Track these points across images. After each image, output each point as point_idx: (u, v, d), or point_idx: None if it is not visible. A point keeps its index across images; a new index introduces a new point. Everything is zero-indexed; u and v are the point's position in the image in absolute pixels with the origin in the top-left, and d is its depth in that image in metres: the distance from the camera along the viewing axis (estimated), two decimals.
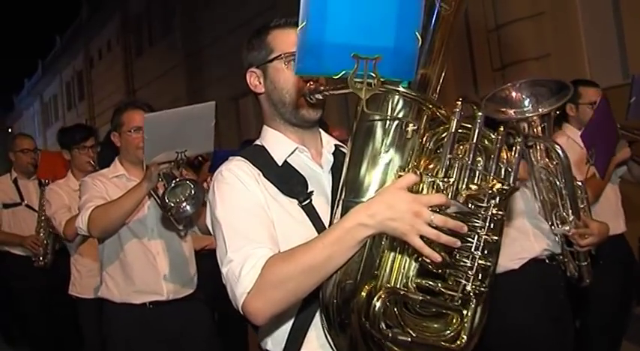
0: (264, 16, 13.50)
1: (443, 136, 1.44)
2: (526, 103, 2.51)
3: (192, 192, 2.61)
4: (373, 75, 1.23)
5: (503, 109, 2.47)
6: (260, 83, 1.64)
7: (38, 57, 33.40)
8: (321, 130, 1.73)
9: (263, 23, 1.64)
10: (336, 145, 1.71)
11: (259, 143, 1.67)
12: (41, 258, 4.50)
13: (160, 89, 17.77)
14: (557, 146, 2.43)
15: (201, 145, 2.68)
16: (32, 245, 4.53)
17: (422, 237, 1.27)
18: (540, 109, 2.48)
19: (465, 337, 1.43)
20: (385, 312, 1.36)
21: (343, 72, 1.23)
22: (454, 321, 1.44)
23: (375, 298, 1.36)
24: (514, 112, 2.49)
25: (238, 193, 1.52)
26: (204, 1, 16.03)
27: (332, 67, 1.23)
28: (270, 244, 1.45)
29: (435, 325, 1.44)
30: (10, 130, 40.44)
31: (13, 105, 39.56)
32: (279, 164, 1.60)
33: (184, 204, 2.61)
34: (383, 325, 1.36)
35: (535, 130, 2.50)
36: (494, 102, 2.48)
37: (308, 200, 1.56)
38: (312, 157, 1.66)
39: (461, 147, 1.41)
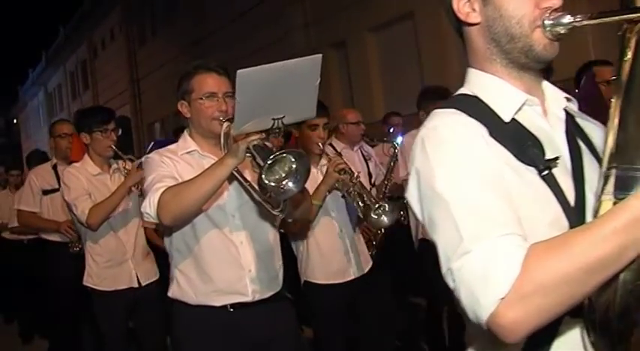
0: (269, 3, 13.43)
1: None
2: None
3: (294, 166, 2.09)
4: None
5: None
6: (475, 10, 1.22)
7: (42, 48, 33.42)
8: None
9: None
10: (567, 98, 1.29)
11: (468, 92, 1.25)
12: (76, 243, 4.30)
13: (164, 77, 17.68)
14: None
15: (301, 110, 2.16)
16: (67, 230, 4.34)
17: None
18: None
19: None
20: None
21: None
22: None
23: None
24: None
25: (465, 157, 1.11)
26: None
27: None
28: (519, 228, 1.04)
29: None
30: (15, 121, 40.56)
31: (18, 96, 39.56)
32: (506, 121, 1.19)
33: (285, 181, 2.10)
34: None
35: None
36: None
37: (549, 170, 1.15)
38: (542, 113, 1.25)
39: None
